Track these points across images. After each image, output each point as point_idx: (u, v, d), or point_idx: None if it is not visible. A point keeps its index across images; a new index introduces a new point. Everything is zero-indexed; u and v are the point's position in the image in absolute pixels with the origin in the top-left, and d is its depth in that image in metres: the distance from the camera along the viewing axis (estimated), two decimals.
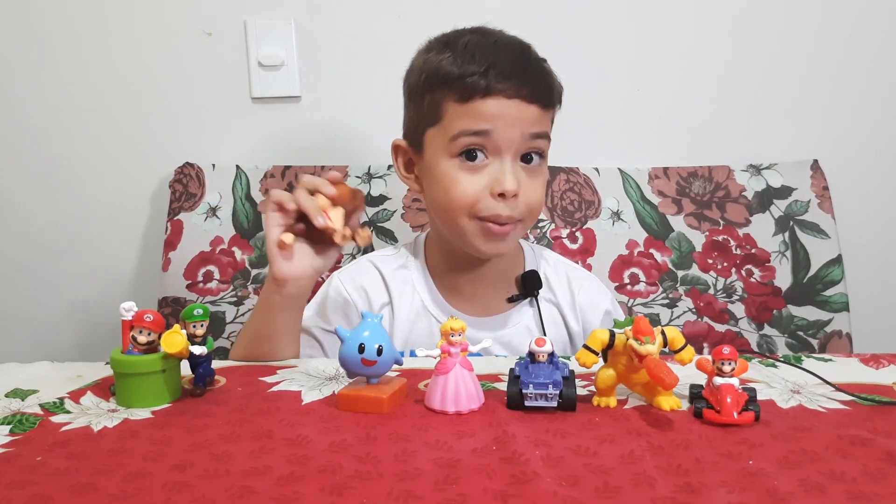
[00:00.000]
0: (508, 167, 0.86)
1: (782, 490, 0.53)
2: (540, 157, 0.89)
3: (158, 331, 0.70)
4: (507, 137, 0.86)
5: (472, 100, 0.85)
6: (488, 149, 0.86)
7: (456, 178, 0.87)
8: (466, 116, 0.86)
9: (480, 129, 0.85)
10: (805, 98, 1.31)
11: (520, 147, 0.87)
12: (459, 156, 0.87)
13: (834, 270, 1.22)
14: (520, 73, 0.86)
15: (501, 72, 0.85)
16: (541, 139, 0.88)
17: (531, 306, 0.98)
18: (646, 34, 1.30)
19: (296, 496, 0.52)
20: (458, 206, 0.87)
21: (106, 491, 0.53)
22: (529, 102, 0.86)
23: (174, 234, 1.24)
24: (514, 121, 0.85)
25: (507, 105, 0.85)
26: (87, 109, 1.33)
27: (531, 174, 0.88)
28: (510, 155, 0.86)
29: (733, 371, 0.65)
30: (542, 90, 0.88)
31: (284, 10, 1.29)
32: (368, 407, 0.67)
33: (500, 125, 0.85)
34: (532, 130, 0.87)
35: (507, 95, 0.85)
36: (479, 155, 0.87)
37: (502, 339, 0.94)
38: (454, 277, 0.97)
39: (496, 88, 0.85)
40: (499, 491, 0.52)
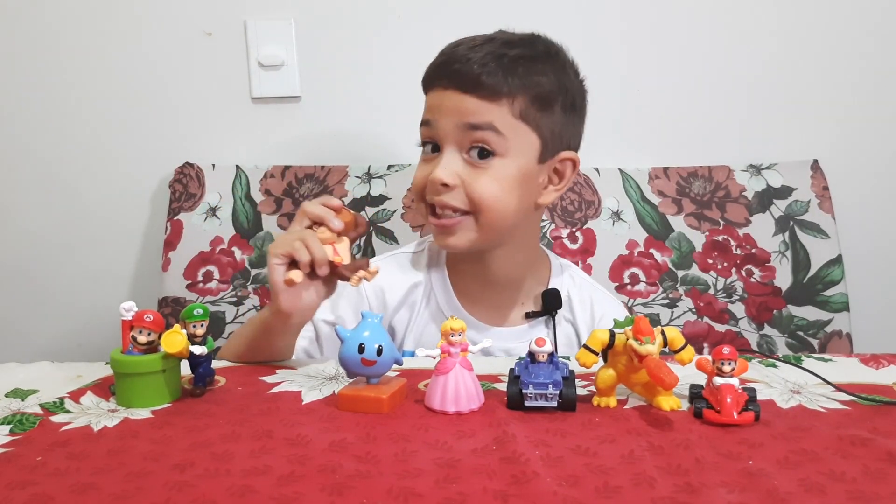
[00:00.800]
0: (444, 157, 0.87)
1: (782, 490, 0.53)
2: (492, 154, 0.86)
3: (158, 331, 0.70)
4: (441, 128, 0.87)
5: (426, 91, 0.91)
6: (437, 140, 0.88)
7: (418, 167, 0.91)
8: (424, 108, 0.91)
9: (424, 119, 0.89)
10: (805, 98, 1.31)
11: (460, 139, 0.86)
12: (423, 146, 0.91)
13: (834, 270, 1.22)
14: (462, 65, 0.86)
15: (444, 63, 0.88)
16: (480, 131, 0.85)
17: (547, 327, 0.97)
18: (646, 34, 1.30)
19: (296, 496, 0.52)
20: (414, 191, 0.92)
21: (106, 490, 0.53)
22: (463, 92, 0.85)
23: (174, 234, 1.24)
24: (448, 111, 0.86)
25: (441, 96, 0.87)
26: (87, 109, 1.33)
27: (477, 168, 0.87)
28: (452, 147, 0.87)
29: (733, 371, 0.66)
30: (480, 80, 0.85)
31: (284, 10, 1.29)
32: (368, 407, 0.67)
33: (437, 115, 0.88)
34: (468, 121, 0.85)
35: (442, 86, 0.87)
36: (429, 147, 0.90)
37: (513, 352, 0.92)
38: (473, 284, 0.96)
39: (435, 81, 0.88)
40: (499, 491, 0.52)
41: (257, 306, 1.23)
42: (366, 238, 1.24)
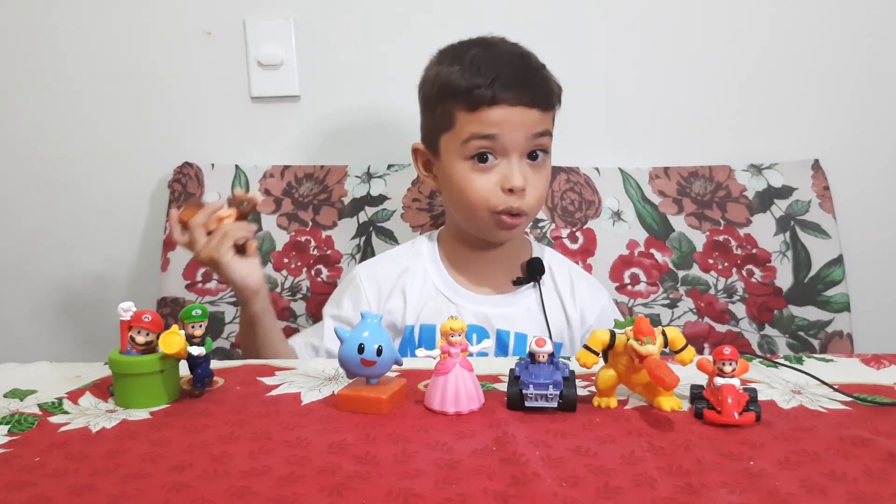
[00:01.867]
0: (516, 166, 0.96)
1: (783, 491, 0.52)
2: (544, 153, 0.99)
3: (157, 331, 0.70)
4: (512, 140, 0.95)
5: (479, 109, 0.95)
6: (496, 150, 0.96)
7: (470, 178, 0.97)
8: (475, 123, 0.95)
9: (488, 134, 0.95)
10: (806, 98, 1.31)
11: (525, 147, 0.96)
12: (472, 158, 0.97)
13: (835, 270, 1.22)
14: (521, 83, 0.95)
15: (505, 83, 0.94)
16: (543, 137, 0.98)
17: (534, 290, 1.05)
18: (646, 34, 1.30)
19: (295, 497, 0.52)
20: (477, 202, 0.98)
21: (105, 492, 0.53)
22: (531, 107, 0.95)
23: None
24: (519, 125, 0.95)
25: (510, 112, 0.95)
26: (86, 109, 1.32)
27: (536, 170, 0.98)
28: (517, 154, 0.96)
29: (734, 371, 0.65)
30: (541, 95, 0.97)
31: (284, 9, 1.29)
32: (368, 407, 0.67)
33: (506, 129, 0.95)
34: (534, 131, 0.96)
35: (510, 104, 0.94)
36: (489, 157, 0.96)
37: (506, 316, 1.03)
38: (464, 261, 1.06)
39: (500, 98, 0.94)
40: (499, 492, 0.52)
41: None
42: (365, 238, 1.24)
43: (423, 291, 1.04)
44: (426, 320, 1.02)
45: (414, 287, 1.04)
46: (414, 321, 1.03)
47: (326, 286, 1.24)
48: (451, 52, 1.00)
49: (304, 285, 1.24)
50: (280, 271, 1.24)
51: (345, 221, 1.25)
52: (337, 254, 1.24)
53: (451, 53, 1.00)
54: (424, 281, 1.05)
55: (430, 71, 1.02)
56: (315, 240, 1.25)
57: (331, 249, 1.25)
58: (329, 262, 1.25)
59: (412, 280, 1.05)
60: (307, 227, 1.25)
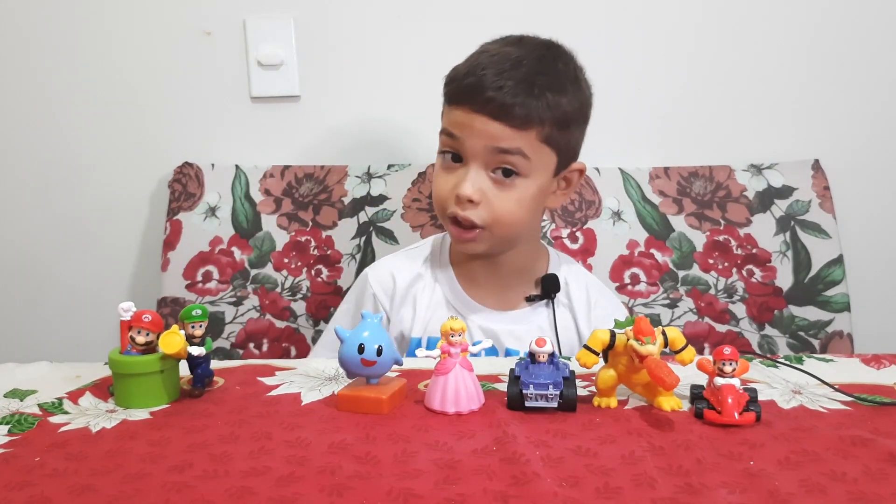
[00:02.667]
0: (471, 174, 0.89)
1: (783, 491, 0.52)
2: (516, 174, 0.90)
3: (157, 331, 0.70)
4: (470, 146, 0.89)
5: (449, 104, 0.92)
6: (461, 153, 0.91)
7: (437, 174, 0.94)
8: (446, 118, 0.93)
9: (450, 132, 0.91)
10: (806, 98, 1.31)
11: (487, 159, 0.89)
12: (443, 154, 0.93)
13: (835, 270, 1.22)
14: (491, 91, 0.87)
15: (473, 86, 0.88)
16: (510, 155, 0.89)
17: (547, 308, 1.00)
18: (646, 34, 1.30)
19: (295, 497, 0.52)
20: (437, 202, 0.95)
21: (104, 492, 0.53)
22: (494, 119, 0.88)
23: (173, 234, 1.24)
24: (478, 133, 0.89)
25: (469, 118, 0.89)
26: (86, 109, 1.32)
27: (501, 187, 0.90)
28: (477, 164, 0.90)
29: (734, 371, 0.65)
30: (511, 111, 0.87)
31: (284, 9, 1.29)
32: (368, 407, 0.67)
33: (466, 134, 0.89)
34: (497, 145, 0.88)
35: (471, 109, 0.88)
36: (454, 157, 0.92)
37: (515, 334, 0.98)
38: (475, 271, 1.01)
39: (463, 100, 0.89)
40: (499, 492, 0.52)
41: (257, 306, 1.23)
42: (366, 238, 1.24)
43: (432, 302, 1.00)
44: (434, 332, 0.98)
45: (423, 297, 1.00)
46: (421, 332, 0.99)
47: (326, 286, 1.24)
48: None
49: (304, 285, 1.24)
50: (280, 271, 1.24)
51: (345, 221, 1.25)
52: (337, 254, 1.24)
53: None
54: (434, 291, 1.01)
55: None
56: (315, 240, 1.25)
57: (331, 249, 1.25)
58: (329, 262, 1.25)
59: (422, 289, 1.01)
60: (307, 227, 1.25)
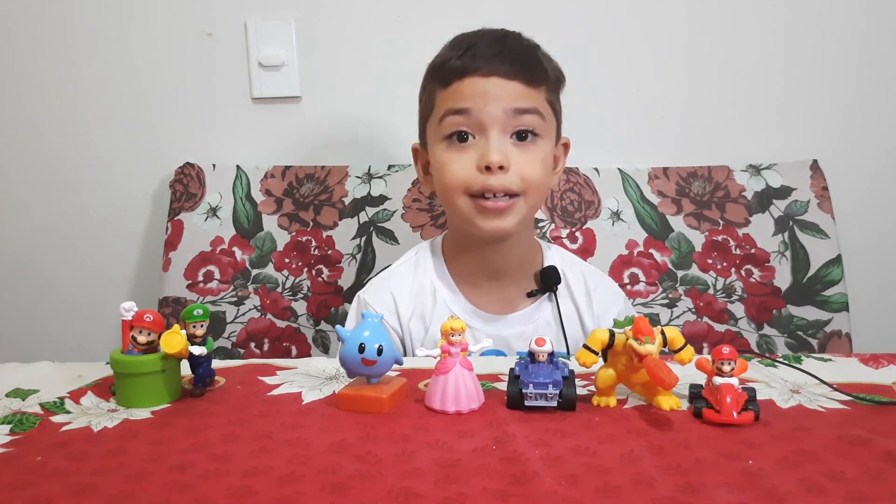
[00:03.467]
0: (494, 141, 0.88)
1: (782, 490, 0.53)
2: (534, 134, 0.90)
3: (158, 331, 0.70)
4: (487, 113, 0.88)
5: (452, 83, 0.89)
6: (473, 128, 0.89)
7: (447, 159, 0.90)
8: (449, 99, 0.90)
9: (460, 108, 0.88)
10: (805, 98, 1.31)
11: (505, 123, 0.88)
12: (449, 138, 0.90)
13: (833, 270, 1.22)
14: (496, 54, 0.89)
15: (477, 53, 0.89)
16: (528, 114, 0.89)
17: (550, 301, 0.98)
18: (646, 34, 1.30)
19: (296, 496, 0.52)
20: (453, 185, 0.90)
21: (106, 491, 0.53)
22: (508, 79, 0.88)
23: (174, 234, 1.24)
24: (494, 97, 0.88)
25: (483, 83, 0.88)
26: (88, 110, 1.33)
27: (523, 149, 0.89)
28: (496, 130, 0.88)
29: (733, 371, 0.66)
30: (523, 67, 0.89)
31: (284, 10, 1.29)
32: (369, 407, 0.67)
33: (480, 102, 0.88)
34: (515, 105, 0.88)
35: (482, 74, 0.88)
36: (469, 136, 0.89)
37: (524, 336, 0.94)
38: (474, 276, 0.98)
39: (471, 68, 0.88)
40: (499, 490, 0.52)
41: (258, 306, 1.23)
42: (366, 238, 1.25)
43: (435, 315, 0.96)
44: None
45: (428, 310, 0.96)
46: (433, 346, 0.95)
47: (327, 286, 1.24)
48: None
49: (304, 285, 1.24)
50: (281, 271, 1.24)
51: (345, 222, 1.26)
52: (338, 254, 1.25)
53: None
54: (435, 304, 0.97)
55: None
56: (316, 240, 1.25)
57: (332, 249, 1.25)
58: (330, 262, 1.25)
59: (423, 304, 0.97)
60: (308, 227, 1.26)
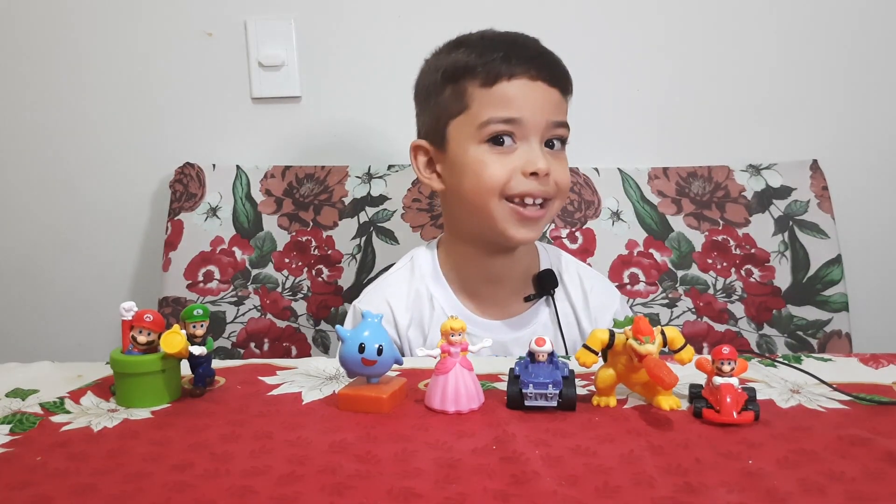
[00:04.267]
0: (537, 148, 0.88)
1: (782, 490, 0.53)
2: (561, 143, 0.92)
3: (158, 331, 0.70)
4: (534, 122, 0.88)
5: (497, 83, 0.88)
6: (516, 135, 0.88)
7: (486, 161, 0.88)
8: (494, 102, 0.88)
9: (511, 118, 0.87)
10: (805, 98, 1.31)
11: (545, 133, 0.89)
12: (487, 142, 0.89)
13: (833, 270, 1.22)
14: (538, 57, 0.90)
15: (521, 55, 0.88)
16: (562, 128, 0.91)
17: (547, 305, 0.98)
18: (646, 34, 1.30)
19: (296, 496, 0.52)
20: (490, 186, 0.88)
21: (106, 491, 0.53)
22: (551, 85, 0.89)
23: (174, 234, 1.24)
24: (541, 106, 0.88)
25: (531, 87, 0.88)
26: (88, 110, 1.33)
27: (555, 157, 0.91)
28: (537, 138, 0.89)
29: (733, 371, 0.65)
30: (560, 74, 0.91)
31: (284, 10, 1.29)
32: (368, 407, 0.67)
33: (528, 112, 0.87)
34: (555, 119, 0.90)
35: (530, 77, 0.88)
36: (507, 140, 0.89)
37: (522, 341, 0.93)
38: (471, 282, 0.97)
39: (519, 70, 0.87)
40: (499, 490, 0.52)
41: (258, 306, 1.23)
42: (366, 238, 1.25)
43: (432, 322, 0.95)
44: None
45: (426, 317, 0.96)
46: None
47: (327, 286, 1.24)
48: (450, 42, 0.94)
49: (304, 285, 1.24)
50: (281, 271, 1.24)
51: (345, 222, 1.26)
52: (338, 254, 1.25)
53: (450, 42, 0.94)
54: (432, 310, 0.96)
55: (429, 62, 0.96)
56: (316, 240, 1.25)
57: (331, 249, 1.25)
58: (330, 263, 1.25)
59: (419, 310, 0.96)
60: (308, 227, 1.26)
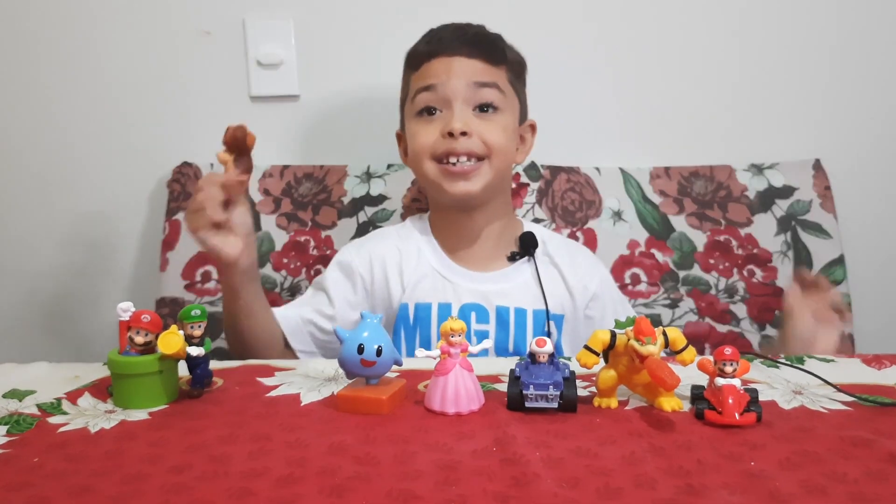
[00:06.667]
0: (457, 111, 0.98)
1: (784, 491, 0.52)
2: (494, 108, 1.00)
3: (156, 331, 0.70)
4: (451, 87, 0.99)
5: (421, 66, 1.02)
6: (440, 103, 1.00)
7: (417, 130, 1.01)
8: (419, 79, 1.02)
9: (428, 84, 1.00)
10: (807, 97, 1.31)
11: (467, 96, 0.99)
12: (419, 114, 1.01)
13: (836, 271, 1.22)
14: (458, 38, 1.01)
15: (441, 39, 1.02)
16: (488, 88, 1.00)
17: (529, 264, 1.05)
18: (647, 33, 1.30)
19: (295, 497, 0.52)
20: (420, 150, 1.00)
21: (104, 493, 0.53)
22: (470, 57, 1.00)
23: (172, 234, 1.24)
24: (457, 73, 0.99)
25: (447, 62, 1.00)
26: (85, 109, 1.32)
27: (484, 118, 1.00)
28: (459, 102, 0.99)
29: (735, 372, 0.65)
30: (483, 48, 1.01)
31: (283, 8, 1.29)
32: (368, 408, 0.67)
33: (444, 78, 0.99)
34: (477, 79, 0.99)
35: (447, 54, 1.00)
36: (436, 111, 1.00)
37: (503, 292, 1.03)
38: (457, 241, 1.06)
39: (437, 50, 1.01)
40: (499, 492, 0.52)
41: None
42: None
43: (418, 270, 1.04)
44: (422, 299, 1.02)
45: (408, 265, 1.04)
46: (408, 299, 1.02)
47: None
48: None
49: (303, 285, 1.24)
50: (279, 271, 1.24)
51: (344, 221, 1.25)
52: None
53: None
54: (419, 259, 1.05)
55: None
56: (314, 240, 1.25)
57: (330, 249, 1.24)
58: (328, 262, 1.24)
59: (406, 258, 1.05)
60: (307, 226, 1.25)
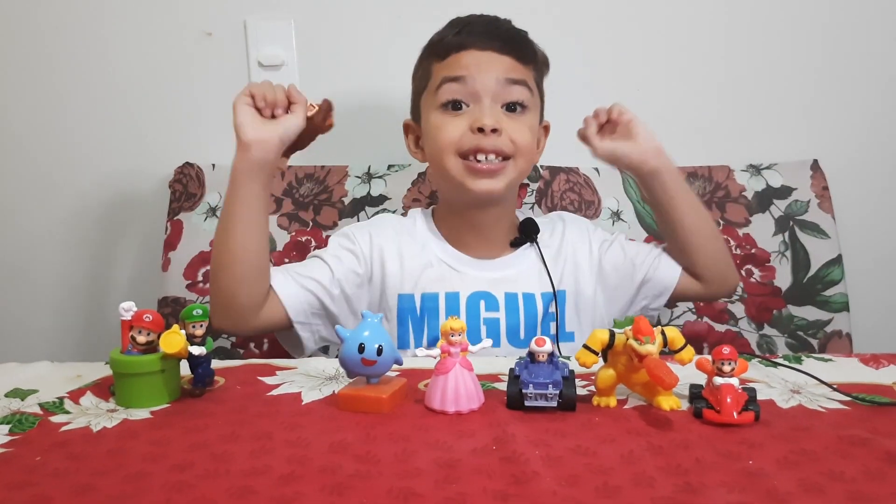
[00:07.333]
0: (487, 107, 0.95)
1: (782, 490, 0.53)
2: (522, 106, 0.98)
3: (157, 331, 0.70)
4: (482, 82, 0.95)
5: (449, 55, 0.98)
6: (467, 97, 0.96)
7: (441, 123, 0.97)
8: (446, 69, 0.98)
9: (457, 76, 0.96)
10: (805, 98, 1.31)
11: (497, 92, 0.96)
12: (444, 106, 0.97)
13: (834, 270, 1.22)
14: (491, 31, 0.98)
15: (473, 30, 0.98)
16: (519, 86, 0.97)
17: (532, 249, 1.04)
18: (645, 33, 1.30)
19: (296, 496, 0.52)
20: (444, 145, 0.96)
21: (106, 491, 0.53)
22: (501, 53, 0.97)
23: (174, 234, 1.24)
24: (489, 68, 0.96)
25: (479, 55, 0.96)
26: (88, 109, 1.33)
27: (513, 117, 0.97)
28: (489, 98, 0.96)
29: (733, 371, 0.66)
30: (515, 45, 0.98)
31: (284, 10, 1.29)
32: (368, 407, 0.67)
33: (475, 71, 0.96)
34: (507, 76, 0.96)
35: (478, 47, 0.97)
36: (462, 105, 0.96)
37: (510, 277, 1.02)
38: (460, 232, 1.04)
39: (468, 42, 0.97)
40: (499, 491, 0.52)
41: None
42: None
43: (423, 260, 1.02)
44: (427, 289, 1.00)
45: (412, 253, 1.02)
46: (413, 289, 1.00)
47: None
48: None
49: None
50: None
51: (345, 222, 1.25)
52: None
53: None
54: (423, 249, 1.03)
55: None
56: (316, 240, 1.25)
57: None
58: None
59: (409, 246, 1.02)
60: (308, 227, 1.26)
